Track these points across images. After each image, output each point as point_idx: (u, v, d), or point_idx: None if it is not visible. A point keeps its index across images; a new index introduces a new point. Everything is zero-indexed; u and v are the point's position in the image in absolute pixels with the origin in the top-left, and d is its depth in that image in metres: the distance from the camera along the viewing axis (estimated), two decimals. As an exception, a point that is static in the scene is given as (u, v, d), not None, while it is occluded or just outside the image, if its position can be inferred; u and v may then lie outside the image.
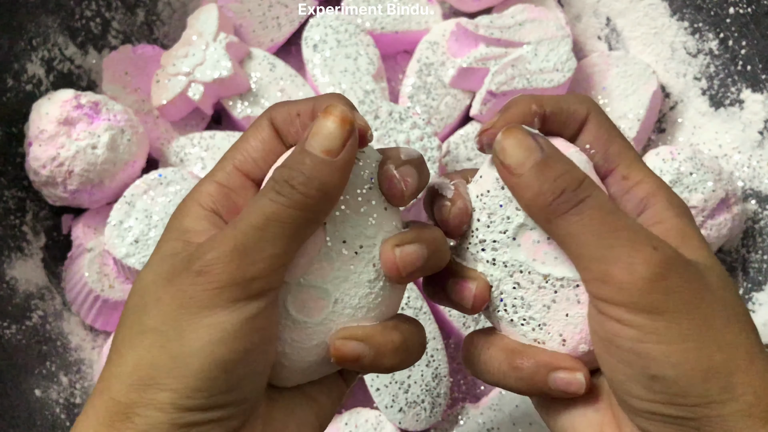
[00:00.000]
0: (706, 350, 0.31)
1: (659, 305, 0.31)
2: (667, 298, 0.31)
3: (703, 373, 0.31)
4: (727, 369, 0.31)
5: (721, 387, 0.31)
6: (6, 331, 0.53)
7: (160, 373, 0.31)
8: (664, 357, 0.31)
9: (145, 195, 0.54)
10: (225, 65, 0.59)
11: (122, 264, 0.53)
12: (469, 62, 0.58)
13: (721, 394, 0.31)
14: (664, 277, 0.31)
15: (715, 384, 0.31)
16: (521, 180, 0.33)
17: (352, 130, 0.32)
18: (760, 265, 0.58)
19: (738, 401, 0.31)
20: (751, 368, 0.32)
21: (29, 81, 0.58)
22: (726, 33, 0.60)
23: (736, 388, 0.31)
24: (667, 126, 0.64)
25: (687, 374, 0.31)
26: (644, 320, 0.31)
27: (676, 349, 0.31)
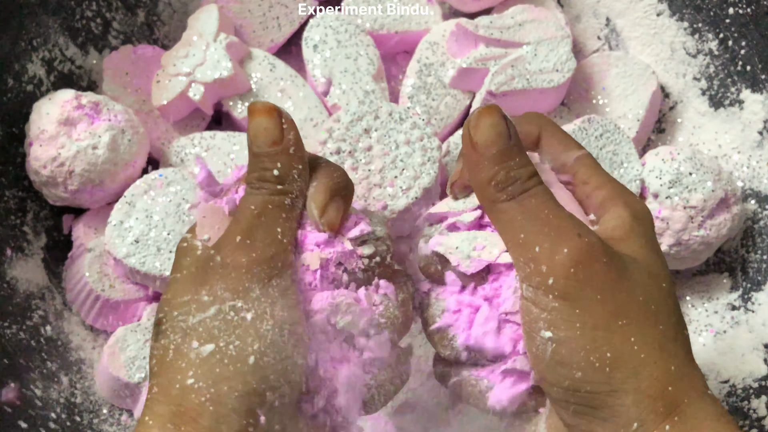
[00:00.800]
0: (615, 340, 0.33)
1: (574, 292, 0.33)
2: (582, 286, 0.33)
3: (609, 362, 0.32)
4: (634, 361, 0.32)
5: (625, 377, 0.32)
6: (6, 331, 0.53)
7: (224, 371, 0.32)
8: (571, 344, 0.33)
9: (146, 195, 0.54)
10: (225, 65, 0.59)
11: (123, 264, 0.53)
12: (469, 62, 0.58)
13: (625, 384, 0.32)
14: (584, 265, 0.33)
15: (619, 374, 0.32)
16: (481, 160, 0.35)
17: (280, 114, 0.36)
18: (759, 265, 0.58)
19: (642, 393, 0.32)
20: (660, 361, 0.33)
21: (30, 81, 0.58)
22: (725, 33, 0.60)
23: (641, 379, 0.32)
24: (667, 126, 0.64)
25: (592, 362, 0.32)
26: (559, 305, 0.33)
27: (584, 336, 0.32)
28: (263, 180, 0.36)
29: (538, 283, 0.33)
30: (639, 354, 0.32)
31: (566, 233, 0.34)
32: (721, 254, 0.60)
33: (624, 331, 0.33)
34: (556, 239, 0.33)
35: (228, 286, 0.33)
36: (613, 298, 0.33)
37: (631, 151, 0.57)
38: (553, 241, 0.33)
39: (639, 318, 0.33)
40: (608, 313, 0.33)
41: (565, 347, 0.33)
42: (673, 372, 0.33)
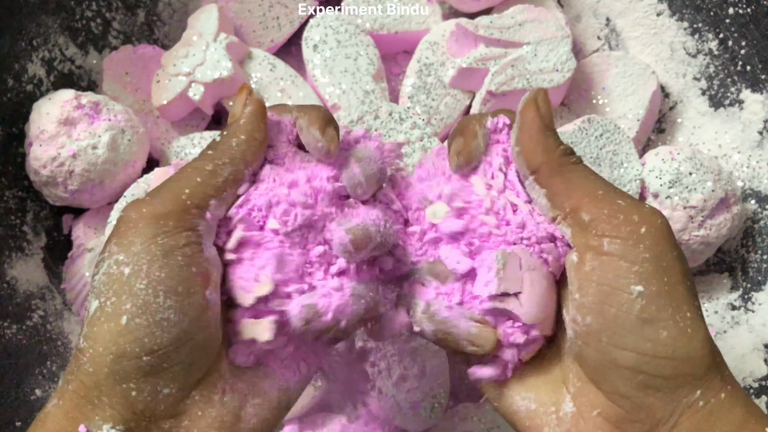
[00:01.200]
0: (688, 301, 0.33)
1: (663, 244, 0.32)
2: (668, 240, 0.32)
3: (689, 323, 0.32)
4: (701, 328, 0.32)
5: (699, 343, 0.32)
6: (6, 331, 0.53)
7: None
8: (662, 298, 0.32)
9: (146, 195, 0.54)
10: (225, 65, 0.59)
11: (123, 264, 0.53)
12: (469, 62, 0.58)
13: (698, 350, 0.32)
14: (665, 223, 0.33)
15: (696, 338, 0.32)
16: (548, 131, 0.36)
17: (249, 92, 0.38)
18: (759, 265, 0.58)
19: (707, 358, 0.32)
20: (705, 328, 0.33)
21: (30, 81, 0.58)
22: (725, 33, 0.60)
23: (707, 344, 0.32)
24: (667, 126, 0.64)
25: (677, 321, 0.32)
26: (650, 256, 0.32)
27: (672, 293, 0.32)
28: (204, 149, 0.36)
29: (629, 233, 0.32)
30: (703, 321, 0.32)
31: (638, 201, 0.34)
32: (721, 254, 0.60)
33: (692, 297, 0.32)
34: (632, 198, 0.34)
35: (117, 240, 0.33)
36: (683, 265, 0.33)
37: (631, 151, 0.57)
38: (632, 198, 0.34)
39: (695, 291, 0.33)
40: (682, 275, 0.32)
41: (656, 303, 0.31)
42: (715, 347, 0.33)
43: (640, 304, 0.31)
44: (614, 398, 0.33)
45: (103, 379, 0.31)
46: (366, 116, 0.54)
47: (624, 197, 0.34)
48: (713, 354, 0.32)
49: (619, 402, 0.33)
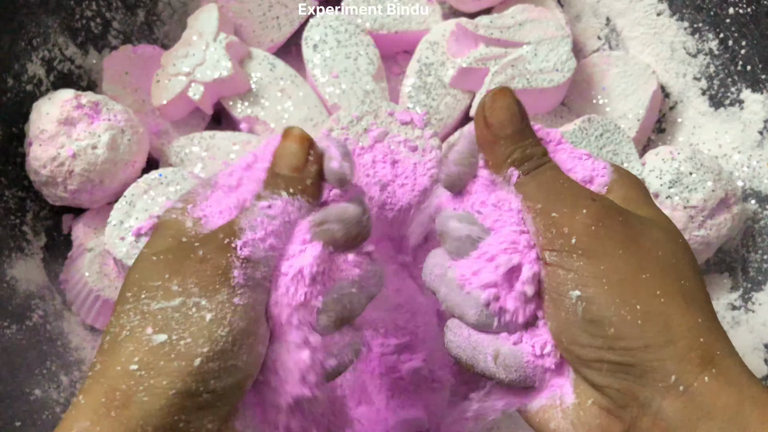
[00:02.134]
0: (642, 293, 0.33)
1: (597, 248, 0.34)
2: (604, 242, 0.34)
3: (640, 315, 0.33)
4: (663, 313, 0.33)
5: (658, 330, 0.32)
6: (6, 331, 0.53)
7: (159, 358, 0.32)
8: (601, 299, 0.33)
9: (146, 195, 0.54)
10: (225, 65, 0.59)
11: (122, 264, 0.53)
12: (468, 62, 0.58)
13: (658, 337, 0.32)
14: (603, 222, 0.34)
15: (651, 327, 0.32)
16: (497, 140, 0.37)
17: (311, 145, 0.37)
18: (760, 265, 0.58)
19: (676, 345, 0.32)
20: (687, 314, 0.33)
21: (29, 81, 0.58)
22: (726, 33, 0.60)
23: (673, 331, 0.32)
24: (667, 126, 0.64)
25: (623, 316, 0.33)
26: (584, 263, 0.34)
27: (612, 291, 0.33)
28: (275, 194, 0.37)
29: (561, 245, 0.34)
30: (666, 306, 0.33)
31: (582, 198, 0.35)
32: (721, 254, 0.60)
33: (648, 284, 0.33)
34: (573, 203, 0.35)
35: (199, 282, 0.34)
36: (635, 253, 0.34)
37: (631, 151, 0.57)
38: (571, 205, 0.35)
39: (661, 272, 0.34)
40: (631, 267, 0.33)
41: (596, 303, 0.33)
42: (701, 324, 0.33)
43: (581, 307, 0.34)
44: (599, 389, 0.34)
45: (158, 409, 0.32)
46: (366, 116, 0.54)
47: (562, 205, 0.35)
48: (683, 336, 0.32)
49: (604, 391, 0.34)
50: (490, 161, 0.37)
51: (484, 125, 0.37)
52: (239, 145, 0.59)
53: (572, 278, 0.34)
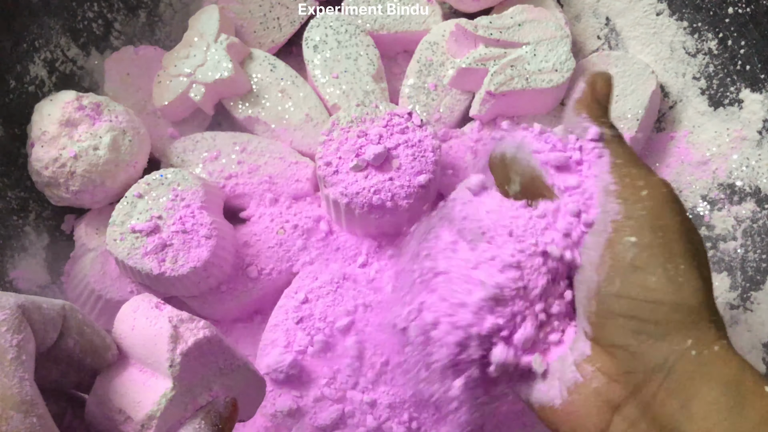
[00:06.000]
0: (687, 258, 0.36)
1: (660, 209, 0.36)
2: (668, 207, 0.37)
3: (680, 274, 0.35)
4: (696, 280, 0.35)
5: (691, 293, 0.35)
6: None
7: None
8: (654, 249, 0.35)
9: (147, 195, 0.54)
10: (226, 66, 0.59)
11: (124, 264, 0.53)
12: (468, 63, 0.59)
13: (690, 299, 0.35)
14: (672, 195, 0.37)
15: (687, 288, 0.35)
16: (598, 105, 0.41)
17: None
18: (758, 264, 0.58)
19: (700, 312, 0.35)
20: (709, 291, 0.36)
21: (32, 82, 0.58)
22: (725, 33, 0.60)
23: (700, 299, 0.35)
24: (667, 125, 0.64)
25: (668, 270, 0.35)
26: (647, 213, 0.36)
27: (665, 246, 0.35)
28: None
29: (630, 194, 0.36)
30: (699, 276, 0.35)
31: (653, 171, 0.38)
32: (720, 254, 0.60)
33: (689, 253, 0.35)
34: (650, 170, 0.38)
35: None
36: (683, 226, 0.36)
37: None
38: (648, 170, 0.38)
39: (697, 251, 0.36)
40: (680, 233, 0.36)
41: (647, 251, 0.35)
42: (713, 304, 0.35)
43: (633, 252, 0.35)
44: (611, 350, 0.36)
45: None
46: (366, 116, 0.54)
47: (639, 167, 0.38)
48: (706, 306, 0.35)
49: (615, 353, 0.36)
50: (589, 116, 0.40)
51: (592, 92, 0.41)
52: (240, 145, 0.59)
53: (632, 225, 0.36)
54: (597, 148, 0.39)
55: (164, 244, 0.52)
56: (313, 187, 0.59)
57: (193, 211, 0.53)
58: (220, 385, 0.36)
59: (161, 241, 0.52)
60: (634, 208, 0.36)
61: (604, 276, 0.36)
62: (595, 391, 0.36)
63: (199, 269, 0.52)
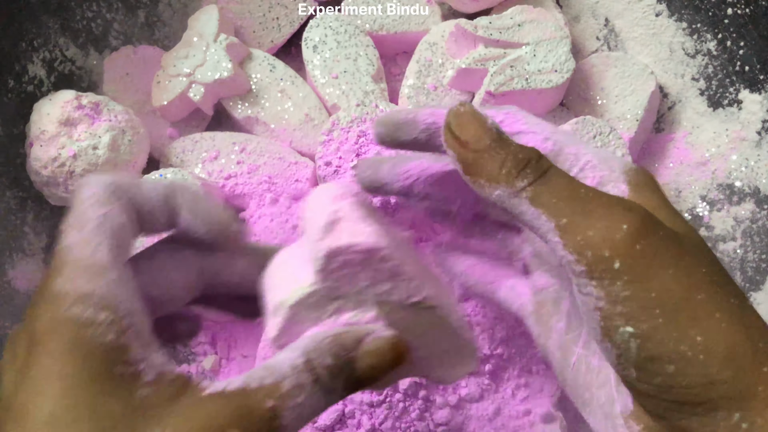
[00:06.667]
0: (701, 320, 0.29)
1: (645, 272, 0.29)
2: (651, 263, 0.29)
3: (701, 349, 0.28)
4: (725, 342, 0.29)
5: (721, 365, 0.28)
6: (7, 332, 0.53)
7: None
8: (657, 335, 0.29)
9: (146, 195, 0.54)
10: (225, 66, 0.59)
11: (123, 264, 0.53)
12: (468, 63, 0.59)
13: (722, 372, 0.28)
14: (647, 239, 0.29)
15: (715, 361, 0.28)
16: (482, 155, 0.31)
17: None
18: (758, 265, 0.58)
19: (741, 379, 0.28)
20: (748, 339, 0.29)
21: (30, 82, 0.58)
22: (724, 33, 0.60)
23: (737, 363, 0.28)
24: (666, 126, 0.64)
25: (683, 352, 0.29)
26: (632, 293, 0.29)
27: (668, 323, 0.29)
28: None
29: (602, 272, 0.29)
30: (728, 333, 0.29)
31: (615, 208, 0.29)
32: (719, 254, 0.60)
33: (705, 308, 0.29)
34: (607, 216, 0.29)
35: None
36: (685, 272, 0.29)
37: (625, 153, 0.57)
38: (605, 218, 0.29)
39: (714, 291, 0.29)
40: (685, 289, 0.29)
41: (652, 340, 0.29)
42: (761, 349, 0.29)
43: (635, 345, 0.29)
44: (654, 417, 0.31)
45: None
46: (366, 116, 0.54)
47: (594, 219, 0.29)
48: (745, 369, 0.28)
49: (658, 421, 0.31)
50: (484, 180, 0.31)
51: (459, 146, 0.32)
52: (239, 145, 0.59)
53: (620, 312, 0.29)
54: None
55: (164, 244, 0.52)
56: (313, 187, 0.59)
57: (192, 211, 0.53)
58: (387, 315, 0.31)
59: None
60: (615, 290, 0.29)
61: (614, 362, 0.31)
62: None
63: (199, 269, 0.52)
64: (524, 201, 0.31)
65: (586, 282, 0.30)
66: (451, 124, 0.32)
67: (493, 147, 0.31)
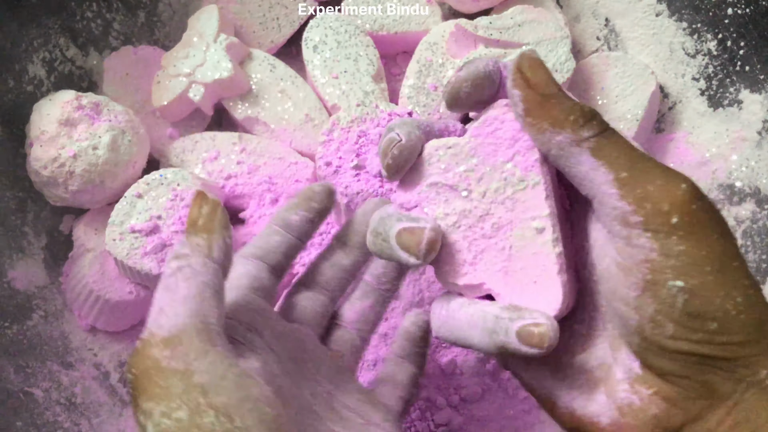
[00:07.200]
0: (738, 283, 0.30)
1: (698, 231, 0.30)
2: (705, 224, 0.30)
3: (742, 307, 0.30)
4: (756, 305, 0.30)
5: (755, 325, 0.30)
6: (7, 331, 0.53)
7: None
8: (706, 291, 0.30)
9: (147, 195, 0.54)
10: (225, 66, 0.59)
11: (123, 264, 0.53)
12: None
13: (756, 332, 0.30)
14: (702, 203, 0.30)
15: (750, 321, 0.30)
16: (549, 99, 0.32)
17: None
18: (758, 265, 0.58)
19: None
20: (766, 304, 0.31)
21: (30, 82, 0.58)
22: (724, 33, 0.60)
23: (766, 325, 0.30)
24: (666, 126, 0.64)
25: (728, 311, 0.30)
26: (686, 248, 0.30)
27: (716, 281, 0.30)
28: None
29: (659, 225, 0.30)
30: (757, 298, 0.30)
31: (671, 171, 0.31)
32: (720, 254, 0.60)
33: (739, 273, 0.30)
34: (666, 176, 0.30)
35: None
36: (727, 238, 0.31)
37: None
38: (665, 178, 0.30)
39: (740, 261, 0.31)
40: (728, 253, 0.30)
41: (700, 296, 0.30)
42: None
43: (683, 299, 0.30)
44: (670, 379, 0.32)
45: None
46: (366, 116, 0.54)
47: (653, 178, 0.30)
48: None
49: (676, 382, 0.31)
50: (548, 123, 0.32)
51: (527, 87, 0.32)
52: (239, 145, 0.59)
53: (673, 265, 0.30)
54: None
55: (164, 244, 0.52)
56: (313, 187, 0.59)
57: (192, 211, 0.53)
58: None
59: (161, 241, 0.52)
60: (669, 243, 0.30)
61: (647, 319, 0.31)
62: (654, 418, 0.32)
63: (199, 269, 0.52)
64: (585, 150, 0.31)
65: (639, 233, 0.30)
66: (522, 66, 0.33)
67: (561, 95, 0.32)
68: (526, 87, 0.32)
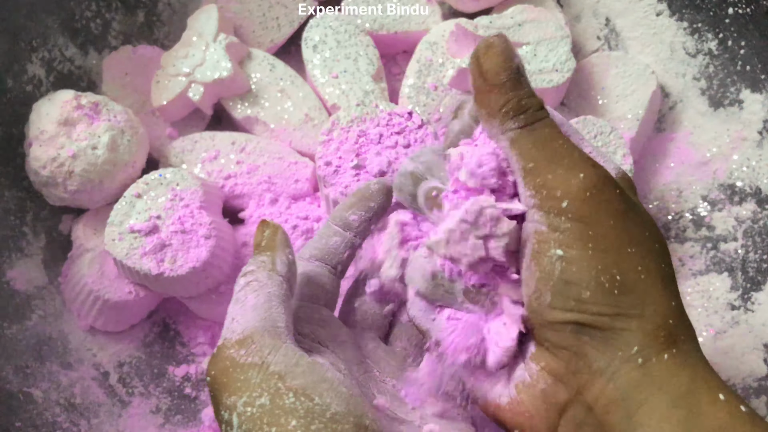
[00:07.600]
0: (624, 266, 0.33)
1: (588, 215, 0.33)
2: (597, 210, 0.33)
3: (617, 286, 0.33)
4: (640, 288, 0.33)
5: (632, 303, 0.33)
6: (6, 331, 0.53)
7: None
8: (582, 262, 0.33)
9: (146, 195, 0.54)
10: (225, 66, 0.59)
11: (122, 264, 0.53)
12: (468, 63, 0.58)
13: (631, 309, 0.33)
14: (599, 191, 0.33)
15: (627, 299, 0.33)
16: (492, 89, 0.35)
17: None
18: (759, 265, 0.58)
19: (646, 319, 0.33)
20: (663, 295, 0.33)
21: (29, 81, 0.58)
22: (725, 33, 0.60)
23: (645, 307, 0.33)
24: (667, 126, 0.64)
25: (601, 283, 0.33)
26: (572, 225, 0.33)
27: (595, 257, 0.33)
28: None
29: (550, 207, 0.34)
30: (645, 282, 0.33)
31: (580, 162, 0.34)
32: (720, 254, 0.60)
33: (632, 258, 0.33)
34: (570, 166, 0.34)
35: None
36: (624, 226, 0.33)
37: (625, 153, 0.57)
38: (567, 168, 0.34)
39: (645, 250, 0.34)
40: (619, 239, 0.33)
41: (576, 265, 0.33)
42: (673, 307, 0.34)
43: (560, 267, 0.33)
44: (555, 351, 0.34)
45: None
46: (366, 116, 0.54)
47: (557, 166, 0.34)
48: (656, 313, 0.33)
49: (559, 354, 0.34)
50: (485, 111, 0.36)
51: (478, 73, 0.35)
52: (239, 145, 0.59)
53: (556, 238, 0.33)
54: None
55: (163, 244, 0.52)
56: (313, 187, 0.59)
57: (192, 211, 0.53)
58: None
59: (160, 241, 0.52)
60: (558, 221, 0.33)
61: (532, 288, 0.34)
62: (543, 393, 0.35)
63: (198, 269, 0.52)
64: (506, 141, 0.35)
65: (534, 211, 0.34)
66: (479, 53, 0.35)
67: (506, 85, 0.35)
68: (478, 75, 0.35)
